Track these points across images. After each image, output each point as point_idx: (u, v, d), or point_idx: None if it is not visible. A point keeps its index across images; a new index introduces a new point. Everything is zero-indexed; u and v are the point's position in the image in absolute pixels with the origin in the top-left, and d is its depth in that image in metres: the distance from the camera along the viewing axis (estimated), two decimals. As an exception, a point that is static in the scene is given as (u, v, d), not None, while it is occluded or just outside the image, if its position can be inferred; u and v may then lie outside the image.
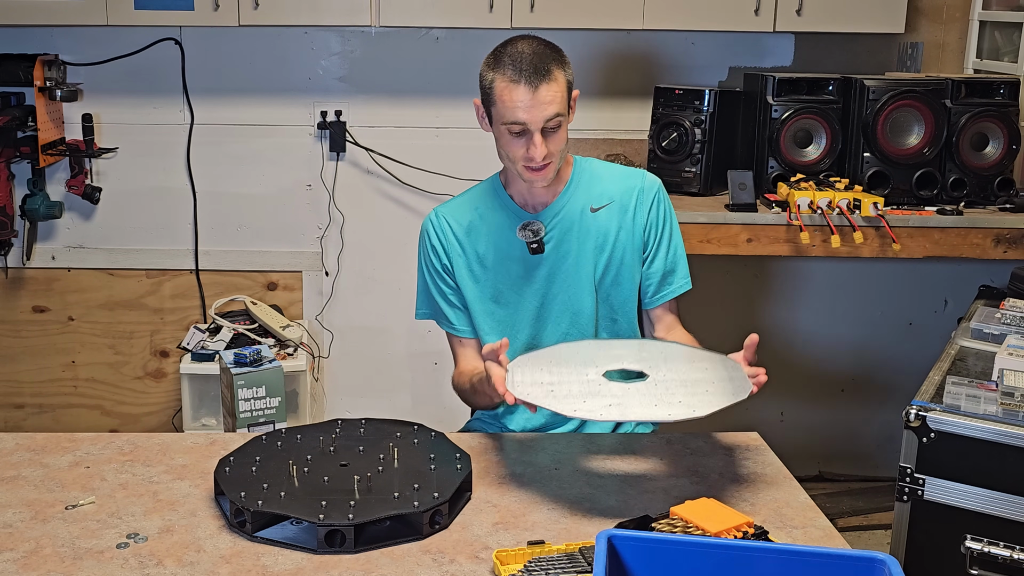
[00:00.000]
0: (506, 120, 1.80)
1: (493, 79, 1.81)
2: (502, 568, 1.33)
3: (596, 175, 1.98)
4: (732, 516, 1.42)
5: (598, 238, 1.94)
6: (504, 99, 1.79)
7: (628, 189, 1.96)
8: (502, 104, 1.80)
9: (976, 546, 1.93)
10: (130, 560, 1.37)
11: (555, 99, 1.79)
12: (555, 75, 1.79)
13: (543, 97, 1.78)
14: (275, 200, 3.41)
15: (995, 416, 1.92)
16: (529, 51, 1.80)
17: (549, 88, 1.78)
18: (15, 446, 1.73)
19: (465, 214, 1.98)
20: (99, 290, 3.44)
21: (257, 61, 3.31)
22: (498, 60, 1.81)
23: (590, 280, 1.94)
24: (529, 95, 1.77)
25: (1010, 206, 2.87)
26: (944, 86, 2.89)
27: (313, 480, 1.52)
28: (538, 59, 1.79)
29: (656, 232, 1.97)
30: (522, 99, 1.77)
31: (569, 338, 1.96)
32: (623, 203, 1.95)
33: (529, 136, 1.80)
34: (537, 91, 1.77)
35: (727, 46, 3.33)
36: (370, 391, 3.55)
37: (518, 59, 1.79)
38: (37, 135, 3.15)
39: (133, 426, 3.53)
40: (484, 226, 1.96)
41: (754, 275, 3.48)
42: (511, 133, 1.81)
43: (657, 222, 1.96)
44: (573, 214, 1.94)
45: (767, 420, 3.57)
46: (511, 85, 1.78)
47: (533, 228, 1.92)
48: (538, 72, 1.77)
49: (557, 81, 1.79)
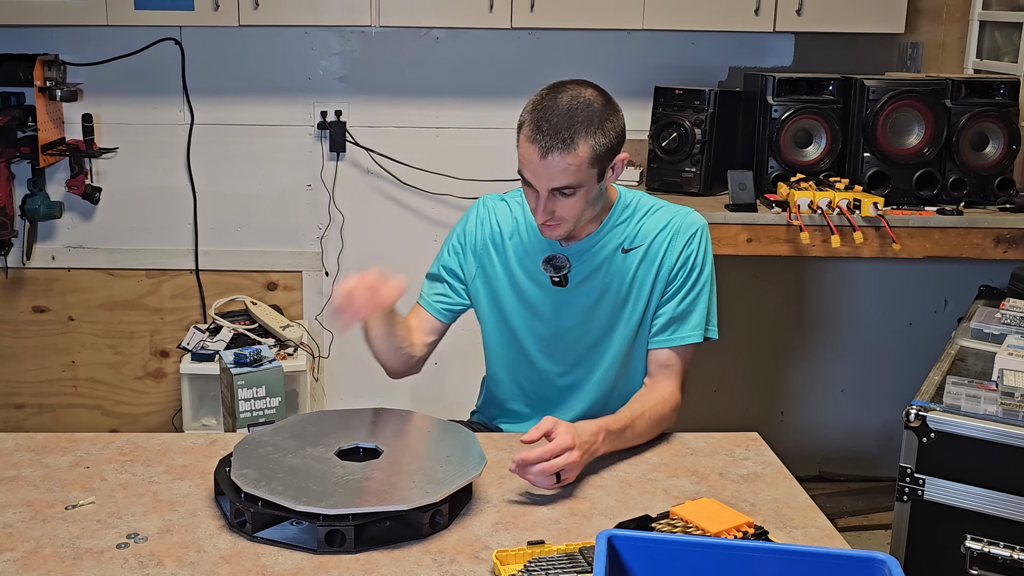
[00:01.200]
0: (518, 168, 1.76)
1: (521, 122, 1.75)
2: (502, 568, 1.33)
3: (637, 213, 1.89)
4: (732, 516, 1.42)
5: (623, 280, 1.87)
6: (519, 150, 1.74)
7: (663, 232, 1.87)
8: (518, 152, 1.75)
9: (976, 546, 1.93)
10: (130, 560, 1.37)
11: (567, 171, 1.70)
12: (576, 145, 1.69)
13: (552, 167, 1.70)
14: (275, 200, 3.41)
15: (995, 416, 1.92)
16: (564, 108, 1.70)
17: (562, 158, 1.69)
18: (15, 446, 1.73)
19: (507, 219, 1.94)
20: (99, 290, 3.44)
21: (257, 61, 3.31)
22: (535, 105, 1.73)
23: (605, 320, 1.89)
24: (537, 159, 1.70)
25: (1010, 206, 2.87)
26: (944, 86, 2.89)
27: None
28: (566, 122, 1.69)
29: (681, 275, 1.86)
30: (531, 160, 1.72)
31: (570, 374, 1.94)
32: (654, 247, 1.87)
33: (537, 195, 1.75)
34: (546, 158, 1.69)
35: (727, 46, 3.33)
36: (370, 391, 3.54)
37: (547, 114, 1.70)
38: (37, 135, 3.15)
39: (133, 426, 3.53)
40: (520, 240, 1.92)
41: (754, 275, 3.48)
42: (525, 183, 1.77)
43: (686, 262, 1.86)
44: (604, 253, 1.87)
45: (767, 420, 3.58)
46: (526, 141, 1.72)
47: (556, 264, 1.86)
48: (556, 138, 1.68)
49: (575, 153, 1.69)
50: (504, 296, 1.94)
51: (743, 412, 3.59)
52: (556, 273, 1.87)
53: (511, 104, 3.29)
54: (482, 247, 1.95)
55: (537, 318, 1.93)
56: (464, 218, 2.00)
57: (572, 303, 1.90)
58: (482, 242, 1.95)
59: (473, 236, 1.96)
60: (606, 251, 1.87)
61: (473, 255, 1.96)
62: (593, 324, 1.90)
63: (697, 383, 3.54)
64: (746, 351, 3.52)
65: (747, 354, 3.51)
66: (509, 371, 2.00)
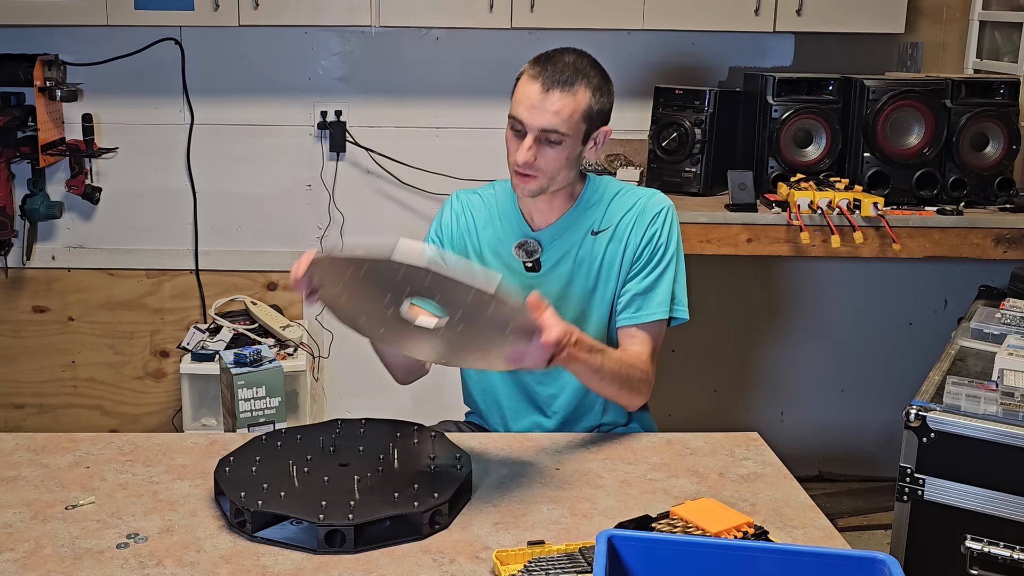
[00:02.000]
0: (511, 112, 1.78)
1: (523, 71, 1.80)
2: (502, 568, 1.33)
3: (605, 196, 1.91)
4: (732, 516, 1.42)
5: (593, 262, 1.88)
6: (518, 91, 1.78)
7: (630, 212, 1.88)
8: (515, 96, 1.78)
9: (976, 546, 1.93)
10: (130, 560, 1.37)
11: (562, 112, 1.73)
12: (576, 91, 1.74)
13: (550, 104, 1.73)
14: (275, 200, 3.41)
15: (995, 416, 1.92)
16: (569, 60, 1.76)
17: (563, 98, 1.73)
18: (15, 446, 1.73)
19: (481, 209, 1.97)
20: (99, 290, 3.44)
21: (257, 61, 3.31)
22: (539, 57, 1.79)
23: (579, 303, 1.90)
24: (539, 95, 1.74)
25: (1010, 206, 2.87)
26: (944, 86, 2.89)
27: (313, 480, 1.52)
28: (570, 70, 1.74)
29: (646, 254, 1.86)
30: (530, 96, 1.75)
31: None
32: (621, 228, 1.88)
33: (522, 138, 1.77)
34: (548, 95, 1.73)
35: (727, 46, 3.33)
36: (370, 391, 3.54)
37: (554, 61, 1.76)
38: (37, 135, 3.15)
39: (133, 426, 3.53)
40: (492, 230, 1.95)
41: (754, 275, 3.48)
42: (512, 130, 1.79)
43: (651, 241, 1.86)
44: (575, 236, 1.89)
45: (767, 420, 3.58)
46: (530, 80, 1.76)
47: (528, 248, 1.89)
48: (559, 79, 1.73)
49: (574, 97, 1.74)
50: None
51: (743, 412, 3.59)
52: (528, 258, 1.89)
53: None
54: (458, 239, 1.97)
55: None
56: (439, 213, 2.01)
57: (545, 288, 1.89)
58: (458, 235, 1.97)
59: (449, 229, 1.98)
60: (577, 234, 1.89)
61: (451, 247, 1.97)
62: (567, 307, 1.90)
63: (697, 383, 3.55)
64: (746, 351, 3.52)
65: (747, 354, 3.51)
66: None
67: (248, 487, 1.48)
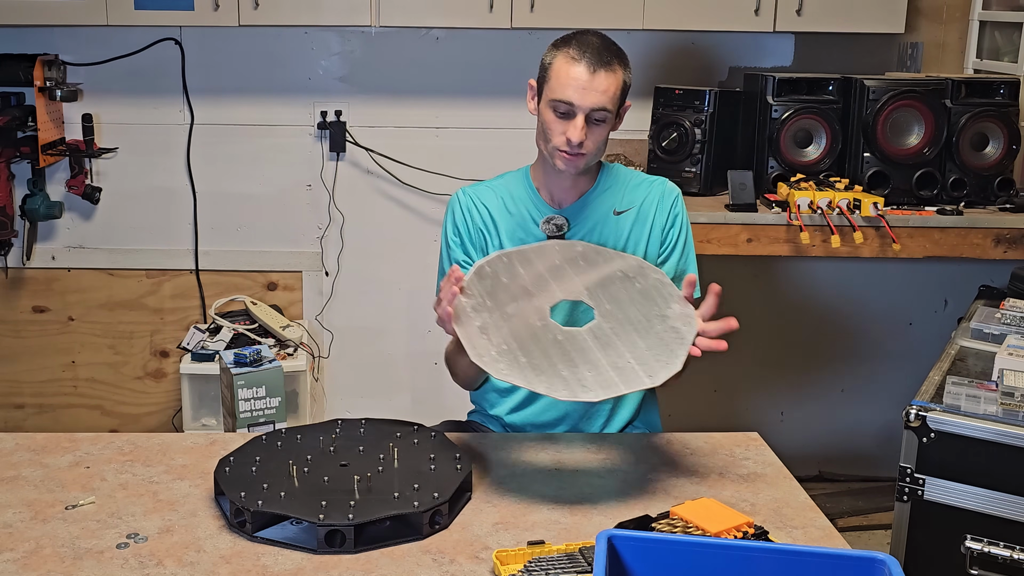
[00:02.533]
0: (555, 96, 1.80)
1: (555, 56, 1.82)
2: (502, 568, 1.33)
3: (621, 179, 1.99)
4: (732, 516, 1.42)
5: (619, 241, 1.94)
6: (560, 74, 1.80)
7: (650, 196, 1.97)
8: (556, 80, 1.80)
9: (976, 546, 1.93)
10: (130, 560, 1.37)
11: (609, 90, 1.80)
12: (616, 69, 1.80)
13: (598, 84, 1.78)
14: (275, 200, 3.41)
15: (995, 416, 1.92)
16: (598, 40, 1.82)
17: (607, 77, 1.79)
18: (15, 446, 1.73)
19: (492, 198, 1.98)
20: (99, 290, 3.44)
21: (257, 61, 3.31)
22: (565, 41, 1.83)
23: None
24: (586, 75, 1.78)
25: (1010, 206, 2.87)
26: (944, 86, 2.89)
27: (313, 480, 1.52)
28: (605, 49, 1.80)
29: (672, 235, 1.97)
30: (577, 78, 1.78)
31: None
32: (644, 209, 1.96)
33: (572, 118, 1.80)
34: (595, 75, 1.78)
35: (727, 46, 3.33)
36: (370, 391, 3.54)
37: (585, 43, 1.80)
38: (37, 135, 3.15)
39: (133, 426, 3.53)
40: (509, 215, 1.96)
41: (754, 275, 3.48)
42: (556, 112, 1.81)
43: (674, 226, 1.97)
44: (598, 214, 1.94)
45: (767, 420, 3.58)
46: (571, 62, 1.79)
47: (556, 223, 1.93)
48: (601, 59, 1.78)
49: (616, 75, 1.80)
50: None
51: (743, 412, 3.59)
52: (556, 232, 1.92)
53: (511, 104, 3.31)
54: (476, 234, 1.98)
55: None
56: (449, 214, 2.01)
57: None
58: (475, 229, 1.98)
59: (465, 226, 1.98)
60: (598, 213, 1.94)
61: (471, 244, 1.98)
62: None
63: (697, 383, 3.55)
64: (746, 351, 3.52)
65: (747, 354, 3.51)
66: None
67: (248, 487, 1.48)
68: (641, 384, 1.52)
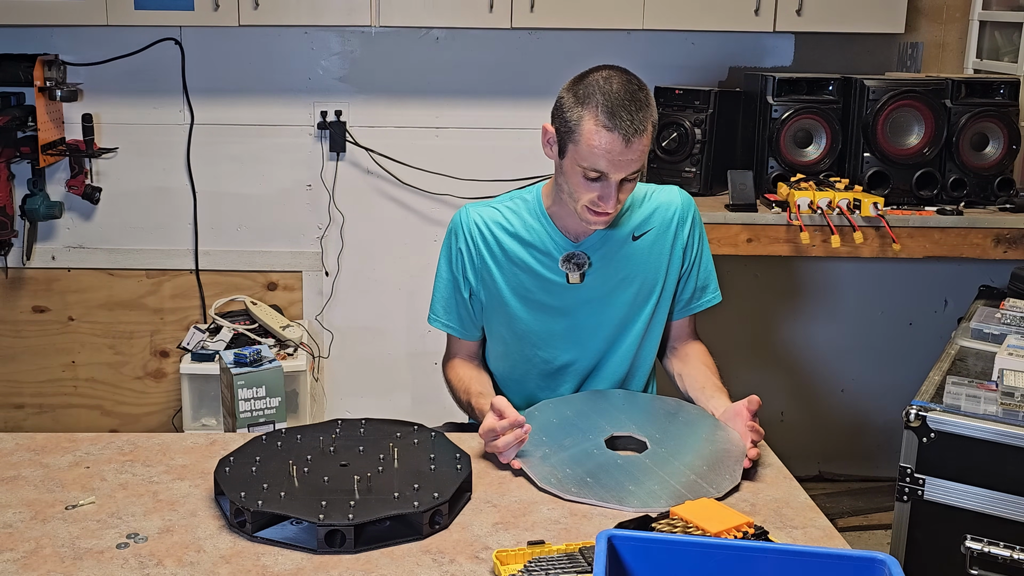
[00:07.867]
0: (586, 164, 1.71)
1: (581, 116, 1.70)
2: (502, 568, 1.33)
3: (635, 200, 1.93)
4: (732, 516, 1.42)
5: (638, 265, 1.91)
6: (592, 143, 1.69)
7: (667, 214, 1.93)
8: (587, 147, 1.70)
9: (976, 546, 1.93)
10: (130, 560, 1.37)
11: (643, 154, 1.72)
12: (647, 128, 1.71)
13: (634, 152, 1.70)
14: (275, 200, 3.41)
15: (995, 416, 1.92)
16: (625, 94, 1.69)
17: (640, 142, 1.70)
18: (15, 446, 1.73)
19: (502, 223, 1.92)
20: (99, 290, 3.44)
21: (257, 61, 3.31)
22: (589, 95, 1.70)
23: (625, 306, 1.92)
24: (620, 147, 1.68)
25: (1010, 206, 2.87)
26: (944, 86, 2.89)
27: (313, 480, 1.52)
28: (635, 107, 1.69)
29: (692, 251, 1.97)
30: (611, 150, 1.68)
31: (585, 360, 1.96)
32: (662, 230, 1.93)
33: (606, 184, 1.73)
34: (630, 145, 1.68)
35: (727, 46, 3.33)
36: (370, 391, 3.54)
37: (614, 102, 1.68)
38: (37, 135, 3.15)
39: (133, 426, 3.53)
40: (521, 245, 1.91)
41: (754, 275, 3.48)
42: (586, 177, 1.73)
43: (693, 242, 1.97)
44: (616, 242, 1.90)
45: (767, 420, 3.56)
46: (603, 131, 1.68)
47: (577, 261, 1.88)
48: (633, 124, 1.68)
49: (646, 135, 1.71)
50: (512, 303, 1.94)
51: (743, 412, 3.59)
52: (578, 271, 1.89)
53: (511, 104, 3.31)
54: (478, 259, 1.93)
55: (556, 314, 1.93)
56: (451, 237, 1.96)
57: (590, 295, 1.91)
58: (478, 255, 1.93)
59: (469, 251, 1.93)
60: (617, 241, 1.91)
61: (472, 268, 1.94)
62: (611, 313, 1.93)
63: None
64: (746, 351, 3.52)
65: (747, 354, 3.51)
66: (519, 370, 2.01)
67: (248, 487, 1.48)
68: (707, 495, 1.54)
